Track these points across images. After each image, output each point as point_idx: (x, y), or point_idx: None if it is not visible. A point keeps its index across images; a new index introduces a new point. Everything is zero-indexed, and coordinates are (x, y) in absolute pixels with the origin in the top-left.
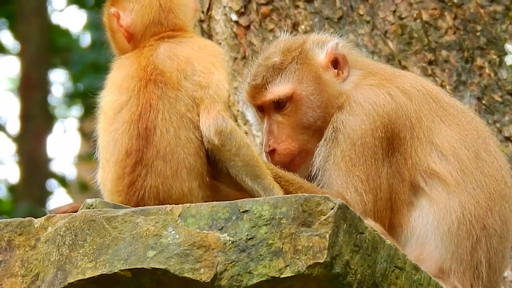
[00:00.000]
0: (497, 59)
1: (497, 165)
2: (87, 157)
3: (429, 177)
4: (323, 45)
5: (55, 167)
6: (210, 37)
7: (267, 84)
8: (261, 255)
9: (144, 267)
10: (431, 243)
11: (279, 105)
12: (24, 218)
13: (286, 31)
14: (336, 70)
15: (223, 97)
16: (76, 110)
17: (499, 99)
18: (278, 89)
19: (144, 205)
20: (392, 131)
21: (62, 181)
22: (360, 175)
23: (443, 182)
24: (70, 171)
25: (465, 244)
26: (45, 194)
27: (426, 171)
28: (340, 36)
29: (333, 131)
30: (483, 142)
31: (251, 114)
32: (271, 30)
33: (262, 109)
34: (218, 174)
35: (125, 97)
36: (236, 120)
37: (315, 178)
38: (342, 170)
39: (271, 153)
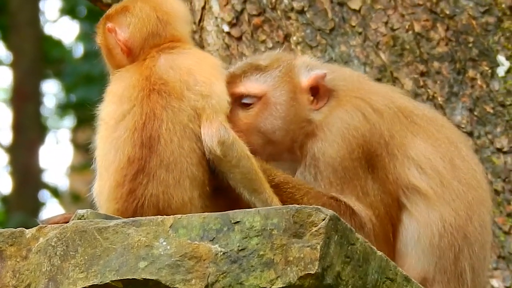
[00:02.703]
0: (489, 71)
1: (472, 170)
2: (80, 168)
3: (410, 192)
4: (311, 69)
5: (48, 178)
6: (202, 48)
7: (244, 77)
8: (252, 266)
9: (136, 278)
10: (413, 255)
11: (246, 101)
12: (16, 228)
13: (278, 42)
14: (312, 98)
15: (224, 107)
16: (69, 121)
17: (491, 111)
18: (251, 85)
19: (142, 214)
20: (369, 150)
21: (55, 192)
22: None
23: (424, 196)
24: (62, 182)
25: (448, 255)
26: (38, 205)
27: (407, 186)
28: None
29: (311, 159)
30: (455, 149)
31: None
32: (263, 41)
33: None
34: (220, 185)
35: (128, 106)
36: None
37: None
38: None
39: None
